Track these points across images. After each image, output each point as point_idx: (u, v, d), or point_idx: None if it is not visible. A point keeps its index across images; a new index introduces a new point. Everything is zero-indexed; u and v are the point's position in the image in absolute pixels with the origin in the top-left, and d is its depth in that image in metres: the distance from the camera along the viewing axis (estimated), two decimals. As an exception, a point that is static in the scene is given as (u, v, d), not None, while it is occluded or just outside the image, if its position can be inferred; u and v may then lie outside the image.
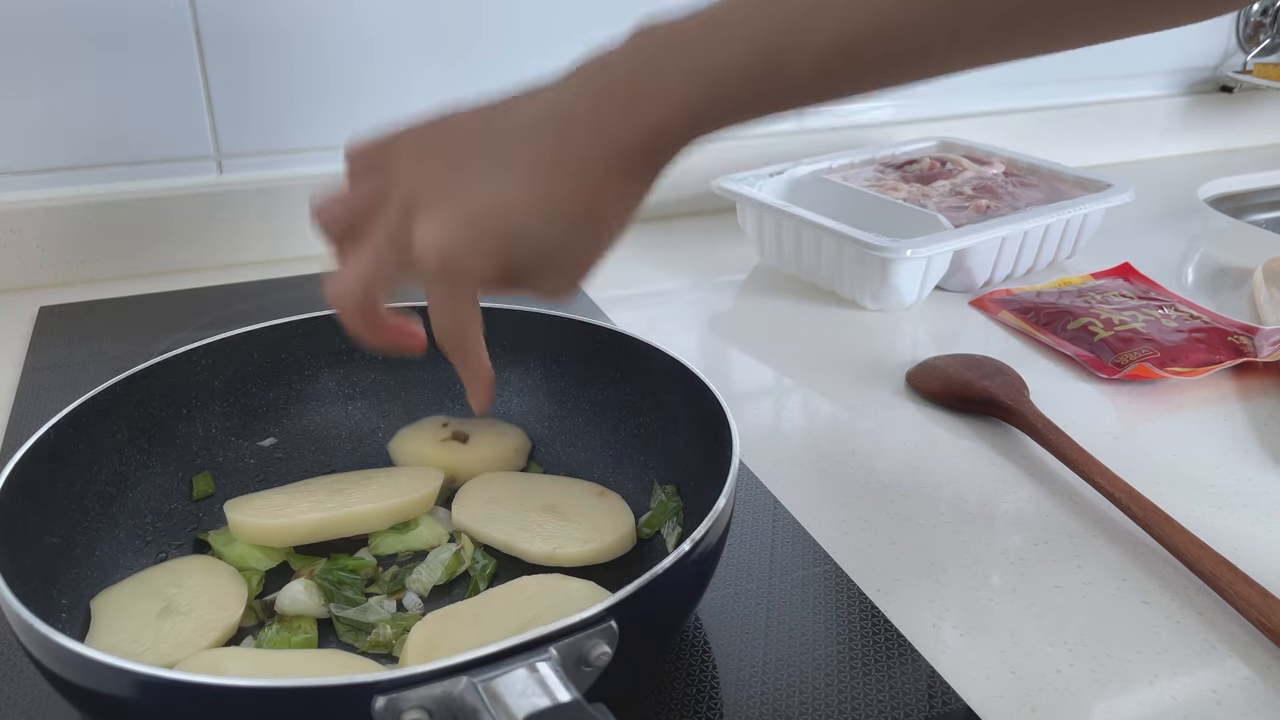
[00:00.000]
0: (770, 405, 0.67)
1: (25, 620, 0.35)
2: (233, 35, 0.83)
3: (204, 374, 0.54)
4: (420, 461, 0.56)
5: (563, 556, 0.49)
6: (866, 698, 0.43)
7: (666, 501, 0.52)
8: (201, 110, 0.84)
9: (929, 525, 0.55)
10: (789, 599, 0.49)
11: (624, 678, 0.38)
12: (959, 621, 0.48)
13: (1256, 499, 0.57)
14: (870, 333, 0.77)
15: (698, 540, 0.39)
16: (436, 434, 0.57)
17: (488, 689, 0.32)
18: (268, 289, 0.83)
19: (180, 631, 0.44)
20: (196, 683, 0.33)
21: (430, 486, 0.53)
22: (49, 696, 0.43)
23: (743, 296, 0.84)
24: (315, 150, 0.89)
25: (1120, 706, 0.43)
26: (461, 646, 0.33)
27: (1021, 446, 0.62)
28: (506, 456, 0.56)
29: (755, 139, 1.02)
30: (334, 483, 0.53)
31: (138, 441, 0.51)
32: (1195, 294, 0.83)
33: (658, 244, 0.94)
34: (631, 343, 0.55)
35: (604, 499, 0.52)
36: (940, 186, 0.89)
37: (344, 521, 0.50)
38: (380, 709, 0.32)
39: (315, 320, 0.57)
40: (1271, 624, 0.46)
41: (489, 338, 0.59)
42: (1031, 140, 1.14)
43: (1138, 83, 1.18)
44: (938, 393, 0.67)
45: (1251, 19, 1.19)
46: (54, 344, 0.74)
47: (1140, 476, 0.59)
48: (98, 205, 0.83)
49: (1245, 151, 1.25)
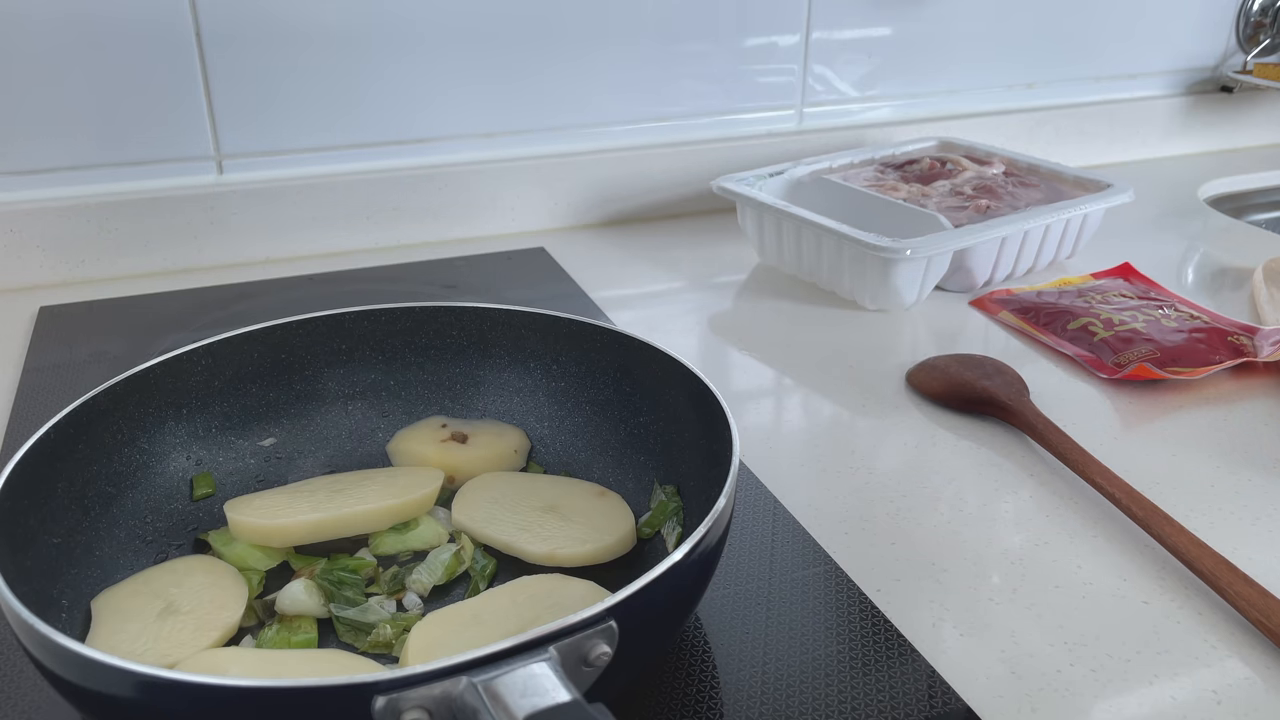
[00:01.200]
0: (770, 405, 0.67)
1: (25, 620, 0.35)
2: (233, 35, 0.83)
3: (204, 374, 0.54)
4: (420, 462, 0.56)
5: (563, 557, 0.49)
6: (866, 698, 0.43)
7: (666, 501, 0.52)
8: (201, 110, 0.84)
9: (929, 525, 0.55)
10: (789, 599, 0.49)
11: (624, 678, 0.38)
12: (959, 621, 0.48)
13: (1256, 499, 0.57)
14: (870, 333, 0.77)
15: (698, 540, 0.39)
16: (436, 434, 0.57)
17: (488, 689, 0.32)
18: (268, 289, 0.83)
19: (180, 631, 0.44)
20: (196, 683, 0.33)
21: (430, 486, 0.53)
22: (49, 696, 0.43)
23: (743, 296, 0.84)
24: (315, 150, 0.89)
25: (1120, 706, 0.43)
26: (461, 647, 0.33)
27: (1022, 446, 0.62)
28: (506, 456, 0.56)
29: (755, 139, 1.02)
30: (334, 483, 0.53)
31: (138, 441, 0.51)
32: (1195, 294, 0.83)
33: (658, 244, 0.94)
34: (631, 343, 0.55)
35: (604, 499, 0.52)
36: (940, 186, 0.89)
37: (345, 522, 0.50)
38: (380, 709, 0.32)
39: (315, 320, 0.57)
40: (1271, 624, 0.46)
41: (490, 337, 0.59)
42: (1031, 140, 1.14)
43: (1138, 83, 1.18)
44: (938, 393, 0.67)
45: (1251, 19, 1.19)
46: (54, 344, 0.74)
47: (1140, 477, 0.59)
48: (98, 205, 0.83)
49: (1245, 151, 1.25)
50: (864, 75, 1.05)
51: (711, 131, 1.01)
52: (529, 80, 0.93)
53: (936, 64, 1.08)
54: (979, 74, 1.10)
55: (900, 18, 1.04)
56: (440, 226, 0.93)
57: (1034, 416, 0.62)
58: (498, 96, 0.92)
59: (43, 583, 0.43)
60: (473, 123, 0.93)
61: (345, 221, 0.90)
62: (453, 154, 0.93)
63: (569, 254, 0.91)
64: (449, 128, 0.92)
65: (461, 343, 0.59)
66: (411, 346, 0.59)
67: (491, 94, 0.92)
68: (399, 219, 0.92)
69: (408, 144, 0.91)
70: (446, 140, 0.92)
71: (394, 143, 0.91)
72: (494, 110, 0.93)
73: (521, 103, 0.93)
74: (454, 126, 0.92)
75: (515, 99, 0.93)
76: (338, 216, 0.90)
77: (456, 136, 0.92)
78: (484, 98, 0.92)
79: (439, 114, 0.91)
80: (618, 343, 0.56)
